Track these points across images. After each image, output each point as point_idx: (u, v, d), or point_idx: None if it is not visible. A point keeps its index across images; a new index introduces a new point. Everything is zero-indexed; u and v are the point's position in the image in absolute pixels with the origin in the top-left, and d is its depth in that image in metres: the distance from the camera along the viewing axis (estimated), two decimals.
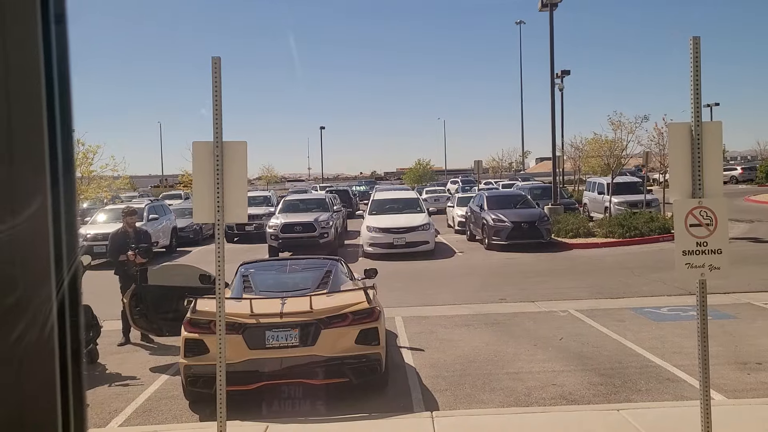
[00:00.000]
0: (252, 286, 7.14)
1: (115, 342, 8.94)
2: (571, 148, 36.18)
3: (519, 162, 67.01)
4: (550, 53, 23.31)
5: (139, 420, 6.26)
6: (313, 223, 18.17)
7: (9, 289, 0.88)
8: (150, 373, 7.71)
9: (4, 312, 0.88)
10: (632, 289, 12.06)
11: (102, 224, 18.48)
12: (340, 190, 35.87)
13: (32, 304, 0.90)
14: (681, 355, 7.60)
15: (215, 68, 4.41)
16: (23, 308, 0.89)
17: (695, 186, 4.42)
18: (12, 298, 0.88)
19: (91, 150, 22.73)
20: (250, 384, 6.13)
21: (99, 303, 8.54)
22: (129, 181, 43.84)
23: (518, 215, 18.61)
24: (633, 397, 6.36)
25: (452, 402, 6.42)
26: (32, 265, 0.90)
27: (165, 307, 8.00)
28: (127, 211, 9.68)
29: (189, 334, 6.24)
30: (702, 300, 4.51)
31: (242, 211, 4.62)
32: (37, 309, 0.90)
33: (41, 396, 0.92)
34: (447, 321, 9.79)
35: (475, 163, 32.43)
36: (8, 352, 0.88)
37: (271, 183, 61.85)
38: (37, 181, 0.91)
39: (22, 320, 0.89)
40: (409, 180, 58.10)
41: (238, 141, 4.59)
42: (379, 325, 6.44)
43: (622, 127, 23.78)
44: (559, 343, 8.38)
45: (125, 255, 9.08)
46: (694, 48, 4.35)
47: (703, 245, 4.42)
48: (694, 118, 4.40)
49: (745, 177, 47.77)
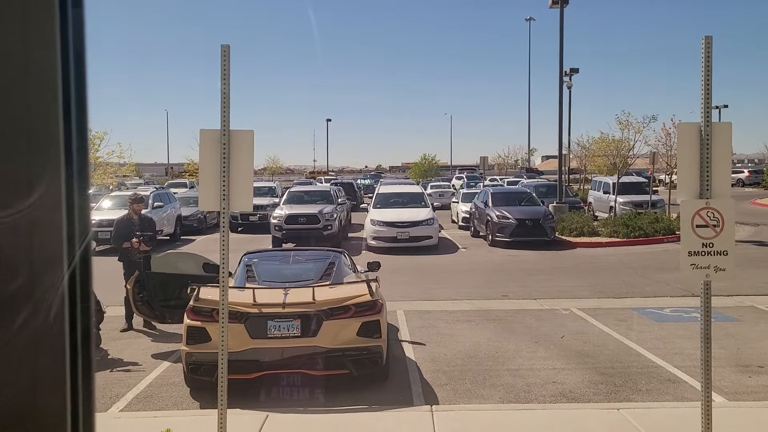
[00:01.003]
0: (255, 275, 7.15)
1: (117, 328, 8.97)
2: (578, 147, 36.12)
3: (525, 159, 66.79)
4: (560, 51, 23.21)
5: (139, 406, 6.29)
6: (318, 215, 18.18)
7: (21, 273, 0.88)
8: (152, 360, 7.74)
9: (16, 295, 0.87)
10: (635, 289, 12.03)
11: (107, 210, 18.51)
12: (345, 182, 35.83)
13: (43, 288, 0.90)
14: (682, 356, 7.59)
15: (224, 56, 4.40)
16: (34, 293, 0.89)
17: (703, 187, 4.39)
18: (24, 281, 0.88)
19: (98, 136, 22.79)
20: (251, 373, 6.15)
21: (102, 288, 8.54)
22: (135, 169, 44.02)
23: (523, 212, 18.57)
24: (633, 397, 6.36)
25: (452, 396, 6.43)
26: (45, 250, 0.90)
27: (168, 295, 8.03)
28: (133, 198, 9.69)
29: (191, 321, 6.25)
30: (706, 301, 4.49)
31: (247, 200, 4.62)
32: (47, 294, 0.90)
33: (51, 380, 0.92)
34: (449, 316, 9.79)
35: (481, 159, 32.37)
36: (20, 336, 0.88)
37: (276, 174, 61.89)
38: (51, 164, 0.90)
39: (33, 304, 0.88)
40: (414, 174, 58.07)
41: (245, 130, 4.59)
42: (381, 318, 6.45)
43: (629, 126, 23.71)
44: (560, 341, 8.38)
45: (129, 242, 9.10)
46: (706, 47, 4.32)
47: (709, 246, 4.40)
48: (704, 117, 4.37)
49: (752, 180, 47.60)
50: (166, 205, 20.57)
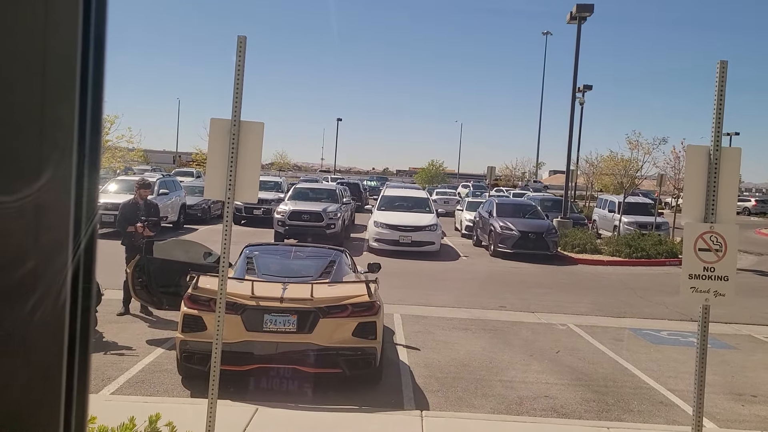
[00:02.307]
0: (255, 268, 7.16)
1: (114, 311, 8.99)
2: (586, 164, 36.06)
3: (532, 172, 66.68)
4: (574, 67, 23.21)
5: (131, 390, 6.30)
6: (321, 213, 18.20)
7: (29, 257, 0.88)
8: (146, 345, 7.75)
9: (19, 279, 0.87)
10: (633, 309, 12.00)
11: (112, 194, 18.57)
12: (351, 183, 35.86)
13: (47, 273, 0.89)
14: (676, 379, 7.56)
15: (240, 48, 4.42)
16: (37, 278, 0.88)
17: (708, 210, 4.39)
18: (27, 266, 0.88)
19: (109, 120, 22.86)
20: (243, 365, 6.15)
21: (102, 271, 8.51)
22: (143, 154, 44.13)
23: (526, 225, 18.55)
24: (624, 417, 6.33)
25: (443, 403, 6.42)
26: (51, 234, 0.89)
27: (167, 281, 8.04)
28: (140, 183, 9.72)
29: (188, 309, 6.26)
30: (704, 325, 4.48)
31: (253, 191, 4.62)
32: (51, 279, 0.89)
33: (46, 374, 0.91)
34: (445, 323, 9.78)
35: (488, 169, 32.29)
36: (19, 322, 0.87)
37: (283, 170, 61.92)
38: (65, 146, 0.90)
39: (36, 290, 0.88)
40: (420, 180, 58.05)
41: (255, 121, 4.60)
42: (378, 319, 6.45)
43: (639, 146, 23.64)
44: (555, 355, 8.36)
45: (133, 226, 9.13)
46: (720, 71, 4.31)
47: (710, 270, 4.39)
48: (714, 140, 4.37)
49: (759, 209, 47.46)
50: (171, 193, 20.62)
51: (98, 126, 0.97)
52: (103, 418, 3.61)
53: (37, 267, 0.88)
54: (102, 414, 3.67)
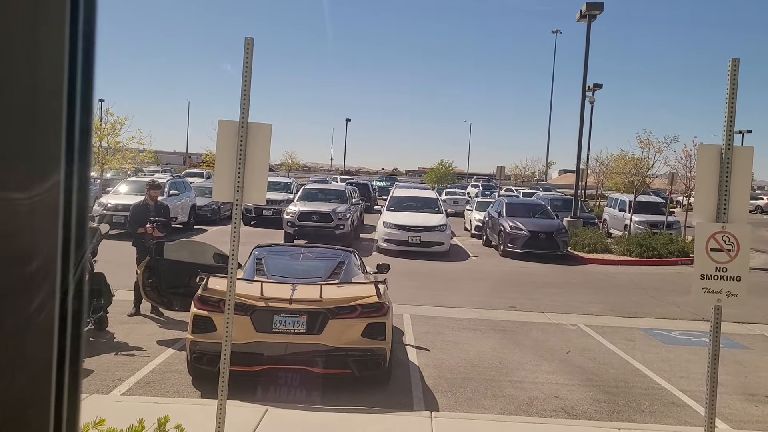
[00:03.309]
0: (264, 269, 7.17)
1: (125, 312, 9.04)
2: (596, 163, 35.86)
3: (542, 172, 66.46)
4: (584, 65, 23.08)
5: (141, 391, 6.33)
6: (331, 214, 18.21)
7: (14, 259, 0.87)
8: (156, 346, 7.78)
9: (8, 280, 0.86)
10: (645, 309, 11.92)
11: (123, 195, 18.69)
12: (361, 183, 35.88)
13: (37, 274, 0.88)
14: (688, 380, 7.50)
15: (247, 49, 4.42)
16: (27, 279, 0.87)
17: (720, 210, 4.34)
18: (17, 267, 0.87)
19: (119, 121, 23.04)
20: (253, 366, 6.16)
21: (114, 272, 8.65)
22: (153, 156, 44.35)
23: (536, 225, 18.47)
24: (636, 418, 6.29)
25: (453, 404, 6.40)
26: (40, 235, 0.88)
27: (177, 282, 8.07)
28: (151, 185, 9.78)
29: (198, 310, 6.28)
30: (716, 326, 4.44)
31: (261, 193, 4.62)
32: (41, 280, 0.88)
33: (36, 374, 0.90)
34: (455, 323, 9.76)
35: (498, 168, 32.21)
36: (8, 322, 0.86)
37: (292, 170, 62.04)
38: (52, 151, 0.89)
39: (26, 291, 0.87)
40: (430, 180, 57.99)
41: (263, 123, 4.60)
42: (387, 320, 6.44)
43: (650, 145, 23.49)
44: (565, 356, 8.31)
45: (144, 227, 9.18)
46: (732, 69, 4.27)
47: (722, 271, 4.34)
48: (726, 139, 4.32)
49: None
50: (181, 194, 20.71)
51: (88, 127, 0.96)
52: (113, 419, 3.62)
53: (26, 268, 0.87)
54: (113, 415, 3.69)
